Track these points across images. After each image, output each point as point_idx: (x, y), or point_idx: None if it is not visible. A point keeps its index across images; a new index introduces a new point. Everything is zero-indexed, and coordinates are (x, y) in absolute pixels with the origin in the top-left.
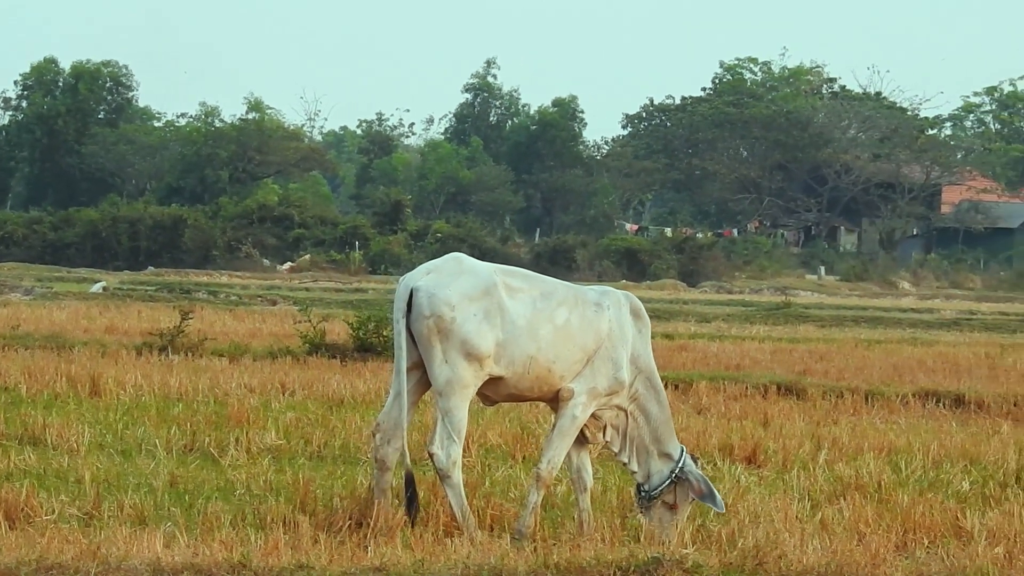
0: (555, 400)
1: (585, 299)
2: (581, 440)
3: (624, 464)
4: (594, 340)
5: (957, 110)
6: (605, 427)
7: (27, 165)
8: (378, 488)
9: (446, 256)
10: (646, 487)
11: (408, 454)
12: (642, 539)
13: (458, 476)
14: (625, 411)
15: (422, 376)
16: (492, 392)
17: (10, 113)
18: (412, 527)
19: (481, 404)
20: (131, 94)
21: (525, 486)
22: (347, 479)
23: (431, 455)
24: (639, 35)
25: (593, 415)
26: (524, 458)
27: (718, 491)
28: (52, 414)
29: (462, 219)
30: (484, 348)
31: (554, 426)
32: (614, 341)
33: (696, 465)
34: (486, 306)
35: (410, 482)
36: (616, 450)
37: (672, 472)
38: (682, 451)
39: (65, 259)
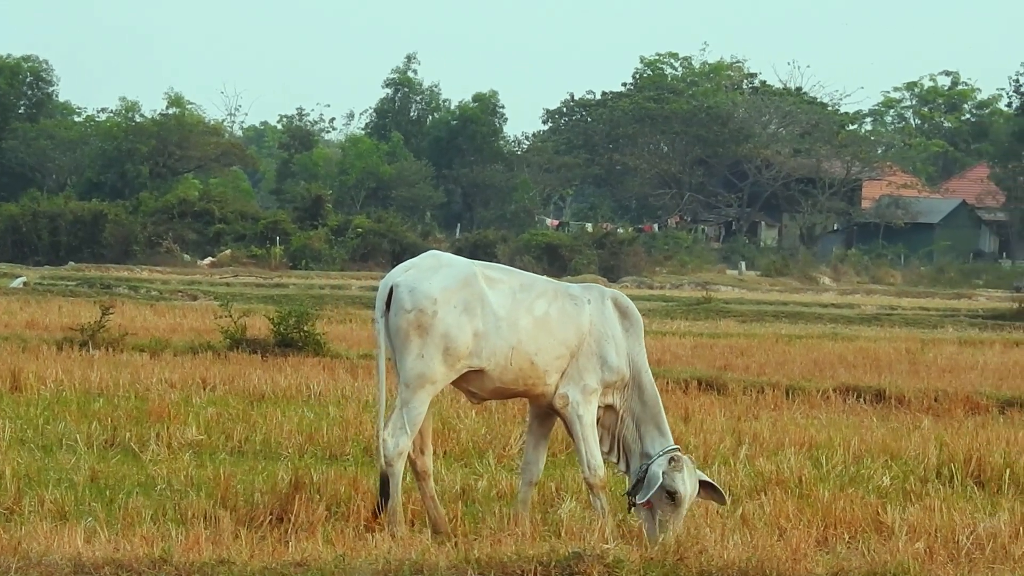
0: (541, 398)
1: (565, 293)
2: (543, 435)
3: (615, 464)
4: (575, 334)
5: (877, 105)
6: (598, 426)
7: None
8: (425, 496)
9: (423, 254)
10: (629, 487)
11: (384, 447)
12: (563, 534)
13: (400, 467)
14: (617, 410)
15: None
16: (478, 388)
17: None
18: (375, 520)
19: (469, 402)
20: (51, 89)
21: (445, 481)
22: (268, 474)
23: (381, 441)
24: (560, 30)
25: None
26: (444, 453)
27: (708, 496)
28: None
29: (383, 214)
30: (463, 342)
31: (571, 435)
32: (596, 336)
33: (670, 465)
34: (466, 297)
35: (385, 482)
36: (606, 450)
37: (640, 470)
38: (665, 450)
39: None
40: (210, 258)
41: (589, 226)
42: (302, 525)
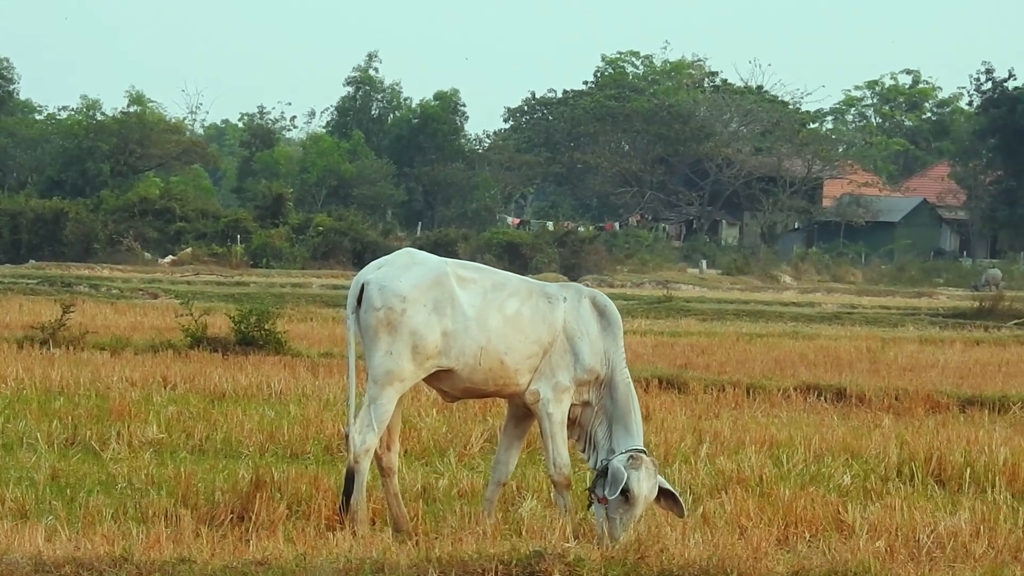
0: (516, 398)
1: (540, 292)
2: (518, 436)
3: (585, 461)
4: (548, 332)
5: (838, 104)
6: (575, 424)
7: None
8: (389, 494)
9: (398, 251)
10: (590, 483)
11: (354, 443)
12: (524, 533)
13: (366, 465)
14: (593, 408)
15: None
16: (449, 387)
17: None
18: (341, 519)
19: (443, 400)
20: (12, 87)
21: (406, 479)
22: (229, 473)
23: (346, 436)
24: (521, 28)
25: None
26: (405, 452)
27: (666, 505)
28: None
29: (344, 212)
30: (431, 340)
31: (540, 432)
32: (570, 333)
33: (629, 462)
34: (436, 296)
35: (350, 479)
36: (581, 449)
37: (601, 462)
38: (629, 449)
39: None
40: (171, 256)
41: (550, 224)
42: (263, 524)
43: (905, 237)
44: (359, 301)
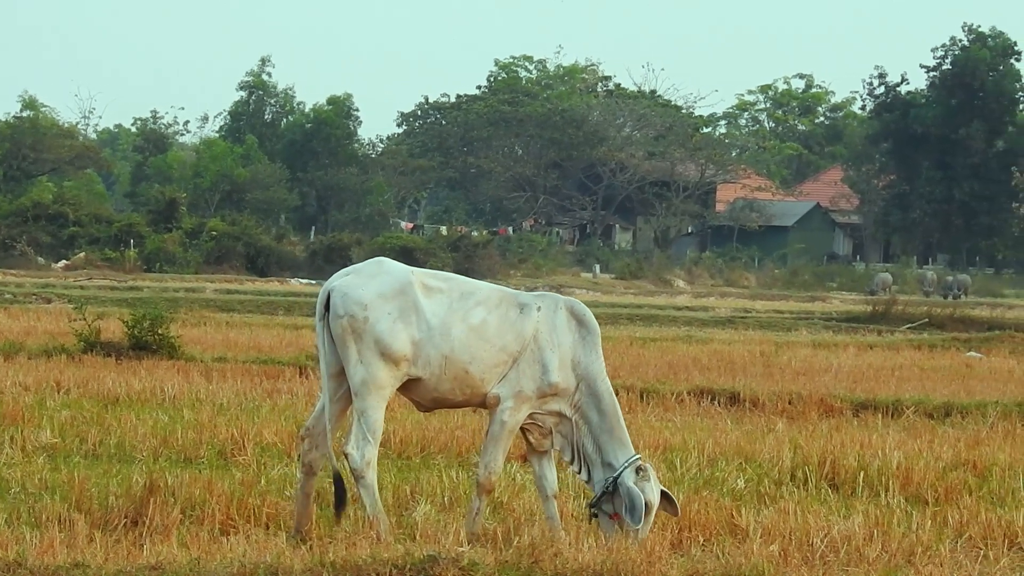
0: (485, 406)
1: (511, 301)
2: (532, 447)
3: (576, 473)
4: (516, 341)
5: (732, 108)
6: (553, 435)
7: None
8: (302, 492)
9: (369, 260)
10: (594, 499)
11: (334, 455)
12: (418, 537)
13: (372, 477)
14: (570, 419)
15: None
16: (419, 397)
17: None
18: (338, 522)
19: (417, 410)
20: None
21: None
22: (122, 477)
23: (346, 455)
24: (414, 33)
25: (537, 422)
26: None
27: (660, 505)
28: None
29: (237, 217)
30: (398, 347)
31: (487, 432)
32: (541, 343)
33: (639, 476)
34: (400, 305)
35: (338, 482)
36: (568, 459)
37: (607, 481)
38: (629, 461)
39: None
40: (64, 261)
41: (444, 229)
42: (157, 528)
43: (798, 241)
44: (327, 307)
